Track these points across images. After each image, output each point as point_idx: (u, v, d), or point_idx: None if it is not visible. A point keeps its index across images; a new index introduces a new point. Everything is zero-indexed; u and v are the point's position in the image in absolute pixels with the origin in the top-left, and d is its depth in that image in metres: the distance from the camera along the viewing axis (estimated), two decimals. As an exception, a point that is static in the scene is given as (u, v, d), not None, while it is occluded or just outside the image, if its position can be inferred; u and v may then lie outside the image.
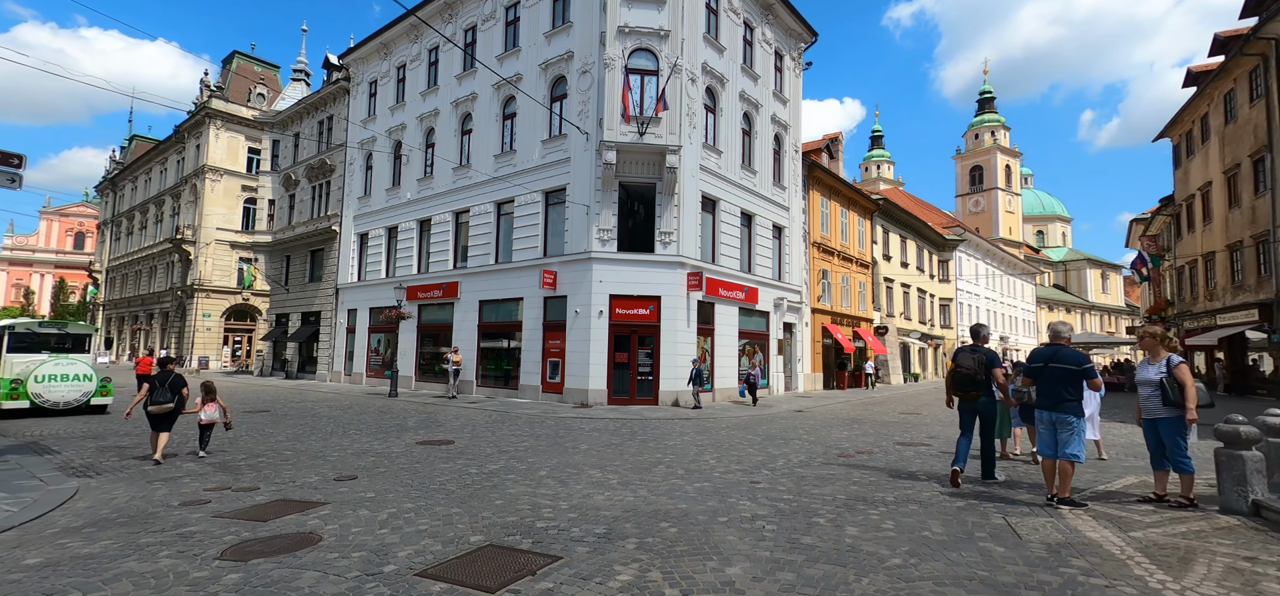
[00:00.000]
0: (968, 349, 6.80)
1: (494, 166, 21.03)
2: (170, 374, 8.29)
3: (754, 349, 22.11)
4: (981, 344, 6.74)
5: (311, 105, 31.23)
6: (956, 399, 6.81)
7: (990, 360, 6.58)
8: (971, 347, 6.79)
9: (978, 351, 6.67)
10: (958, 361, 6.73)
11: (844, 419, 14.68)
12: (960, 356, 6.78)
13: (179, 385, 8.19)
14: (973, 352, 6.69)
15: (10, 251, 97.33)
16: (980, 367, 6.53)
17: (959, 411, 6.82)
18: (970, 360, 6.62)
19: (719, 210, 20.37)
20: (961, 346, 6.93)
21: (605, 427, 12.22)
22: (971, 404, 6.62)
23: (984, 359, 6.57)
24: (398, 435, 10.68)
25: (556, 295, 18.66)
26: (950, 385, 6.83)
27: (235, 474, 7.10)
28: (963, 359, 6.71)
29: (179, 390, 8.13)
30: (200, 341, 39.31)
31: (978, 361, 6.57)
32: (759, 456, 8.65)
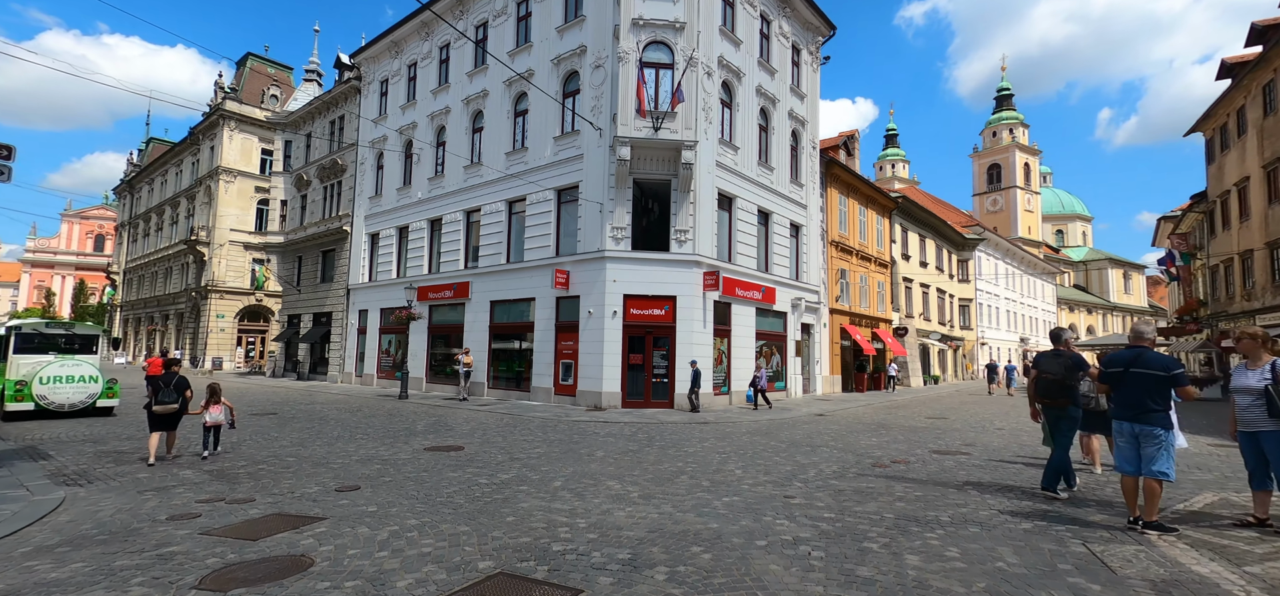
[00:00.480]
0: (1050, 354, 6.31)
1: (505, 164, 20.63)
2: (174, 375, 8.28)
3: (771, 350, 21.51)
4: (1064, 348, 6.24)
5: (323, 105, 31.09)
6: (1040, 409, 6.36)
7: (1075, 364, 6.09)
8: (1054, 352, 6.30)
9: (1061, 356, 6.18)
10: (1042, 367, 6.24)
11: (869, 424, 14.06)
12: (1043, 362, 6.28)
13: (182, 386, 8.19)
14: (1056, 357, 6.21)
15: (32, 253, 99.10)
16: (1067, 372, 6.05)
17: (1046, 421, 6.35)
18: (1055, 365, 6.13)
19: (735, 208, 19.81)
20: (1043, 352, 6.39)
21: (621, 432, 11.72)
22: (1060, 412, 6.11)
23: (1069, 362, 6.09)
24: (405, 440, 10.25)
25: (569, 295, 18.20)
26: (1034, 394, 6.32)
27: (232, 483, 6.69)
28: (1046, 364, 6.22)
29: (182, 391, 8.16)
30: (214, 342, 39.40)
31: (1063, 366, 6.08)
32: (787, 465, 8.09)
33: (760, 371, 17.77)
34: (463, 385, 19.03)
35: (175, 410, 8.07)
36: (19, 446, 8.95)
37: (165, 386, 8.08)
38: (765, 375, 17.90)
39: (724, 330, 19.00)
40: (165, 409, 7.96)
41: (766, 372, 18.02)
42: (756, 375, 17.74)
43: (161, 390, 8.03)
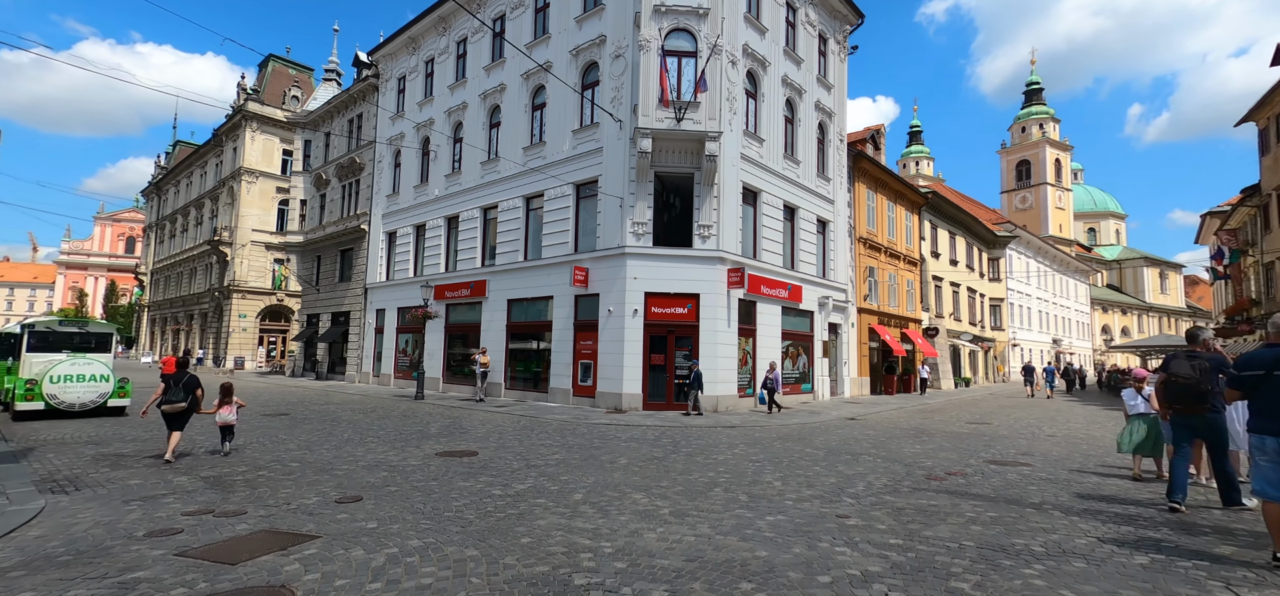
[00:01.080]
0: (1184, 355, 5.57)
1: (523, 159, 20.11)
2: (184, 374, 8.27)
3: (797, 351, 20.66)
4: (1202, 348, 5.47)
5: (341, 104, 30.97)
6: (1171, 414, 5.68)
7: (1216, 365, 5.35)
8: (1189, 353, 5.57)
9: (1197, 357, 5.46)
10: (1173, 371, 5.51)
11: (907, 429, 13.19)
12: (1176, 365, 5.55)
13: (192, 385, 8.15)
14: (1191, 359, 5.49)
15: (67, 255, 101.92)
16: (1204, 376, 5.32)
17: (1174, 429, 5.65)
18: (1190, 368, 5.41)
19: (761, 202, 19.02)
20: (1176, 353, 5.61)
21: (644, 437, 11.05)
22: (1193, 419, 5.41)
23: (1207, 365, 5.36)
24: (417, 443, 9.71)
25: (588, 293, 17.59)
26: (1164, 398, 5.63)
27: (227, 491, 6.17)
28: (1180, 367, 5.50)
29: (192, 390, 8.11)
30: (236, 342, 39.64)
31: (1200, 369, 5.36)
32: (830, 477, 7.35)
33: (773, 372, 16.75)
34: (480, 386, 18.55)
35: (183, 408, 8.02)
36: (18, 448, 8.58)
37: (174, 385, 8.05)
38: (778, 377, 16.82)
39: (749, 330, 18.23)
40: (173, 407, 7.93)
41: (779, 374, 16.93)
42: (769, 376, 16.65)
43: (170, 389, 8.02)
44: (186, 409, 8.07)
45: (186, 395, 8.04)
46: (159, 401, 7.99)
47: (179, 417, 8.03)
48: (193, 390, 8.12)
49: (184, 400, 8.01)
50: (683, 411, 15.96)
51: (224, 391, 8.63)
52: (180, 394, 8.01)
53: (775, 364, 17.00)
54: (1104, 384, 34.35)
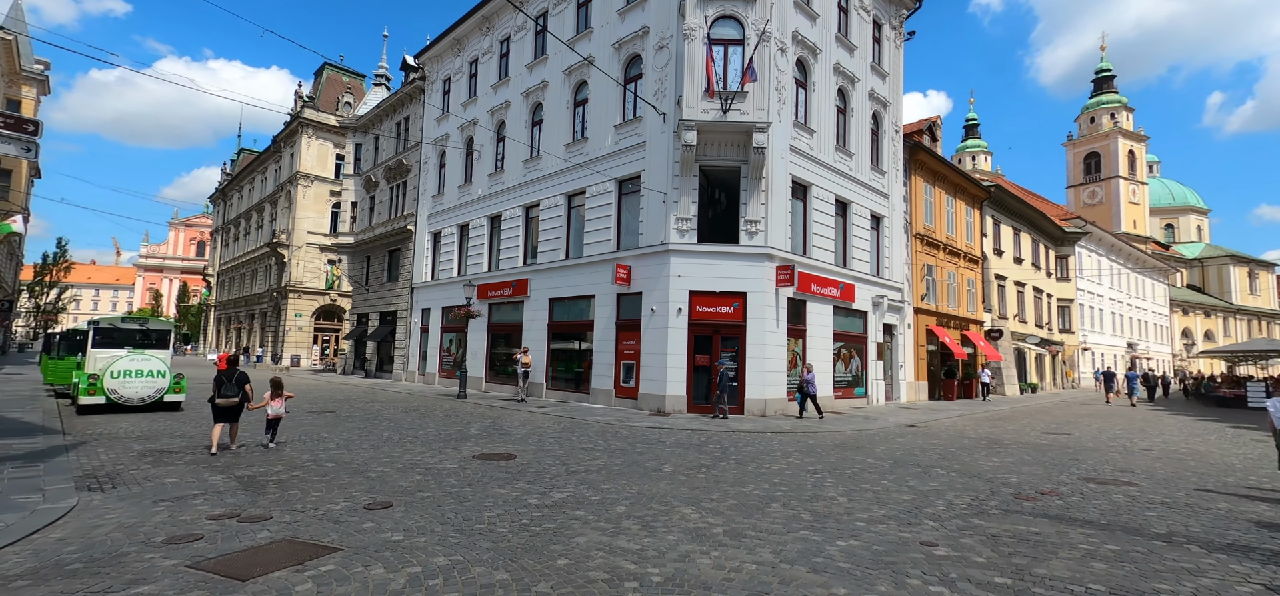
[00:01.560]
0: None
1: (564, 156, 19.82)
2: (235, 370, 8.70)
3: (849, 353, 19.60)
4: None
5: (390, 107, 31.59)
6: None
7: None
8: None
9: None
10: None
11: (976, 439, 12.11)
12: None
13: (243, 381, 8.58)
14: None
15: (145, 259, 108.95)
16: None
17: None
18: None
19: (811, 197, 18.10)
20: None
21: (689, 442, 10.45)
22: None
23: None
24: (455, 445, 9.41)
25: (630, 292, 17.10)
26: None
27: (257, 493, 5.94)
28: None
29: (243, 385, 8.54)
30: (292, 340, 41.10)
31: None
32: (902, 493, 6.57)
33: (809, 374, 15.61)
34: (521, 386, 18.32)
35: (236, 403, 8.47)
36: (72, 441, 8.72)
37: (227, 381, 8.49)
38: (814, 378, 15.67)
39: (799, 330, 17.35)
40: (227, 401, 8.38)
41: (815, 376, 15.81)
42: (805, 378, 15.51)
43: (224, 384, 8.45)
44: (238, 403, 8.51)
45: (238, 390, 8.49)
46: (214, 395, 8.41)
47: (232, 411, 8.48)
48: (243, 385, 8.55)
49: (236, 395, 8.46)
50: (722, 414, 15.26)
51: (274, 385, 9.00)
52: (233, 388, 8.46)
53: (812, 365, 15.99)
54: (1192, 391, 31.53)
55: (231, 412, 8.47)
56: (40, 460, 7.19)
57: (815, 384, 15.44)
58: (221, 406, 8.37)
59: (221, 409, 8.38)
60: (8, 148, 5.89)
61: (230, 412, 8.46)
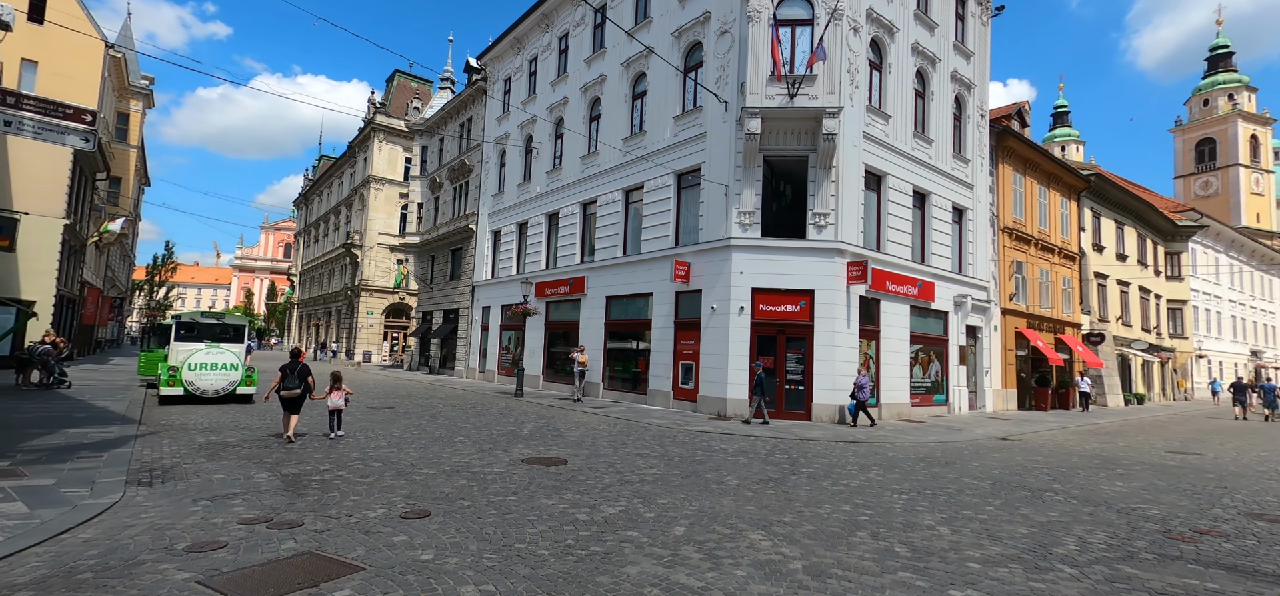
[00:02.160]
0: None
1: (622, 151, 19.32)
2: (298, 364, 9.23)
3: (928, 357, 18.03)
4: None
5: (453, 109, 32.25)
6: None
7: None
8: None
9: None
10: None
11: (1087, 457, 10.60)
12: None
13: (305, 373, 9.12)
14: None
15: (239, 260, 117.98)
16: None
17: None
18: None
19: (886, 187, 16.75)
20: None
21: (753, 450, 9.62)
22: None
23: None
24: (506, 447, 9.01)
25: (690, 289, 16.37)
26: None
27: (296, 494, 5.66)
28: None
29: (305, 378, 9.08)
30: (364, 337, 42.90)
31: None
32: (1016, 523, 5.54)
33: (863, 378, 14.23)
34: (577, 385, 17.96)
35: (298, 394, 8.95)
36: (143, 431, 8.93)
37: (290, 373, 9.04)
38: (867, 384, 14.14)
39: (872, 331, 16.06)
40: (290, 393, 8.89)
41: (869, 379, 14.34)
42: (858, 382, 14.11)
43: (287, 376, 9.01)
44: (301, 394, 8.99)
45: (300, 382, 9.01)
46: (278, 387, 8.97)
47: (294, 402, 8.95)
48: (305, 377, 9.09)
49: (298, 386, 8.97)
50: (796, 418, 14.26)
51: (334, 379, 9.51)
52: (295, 381, 9.00)
53: (863, 368, 14.55)
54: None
55: (295, 403, 8.96)
56: (106, 450, 7.30)
57: (868, 390, 14.10)
58: (285, 397, 8.92)
59: (286, 400, 8.93)
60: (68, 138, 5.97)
61: (293, 403, 8.95)
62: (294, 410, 8.94)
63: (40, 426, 8.84)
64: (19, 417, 9.65)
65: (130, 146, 34.26)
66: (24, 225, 21.61)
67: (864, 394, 14.00)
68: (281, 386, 8.93)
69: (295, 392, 8.92)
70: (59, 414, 10.18)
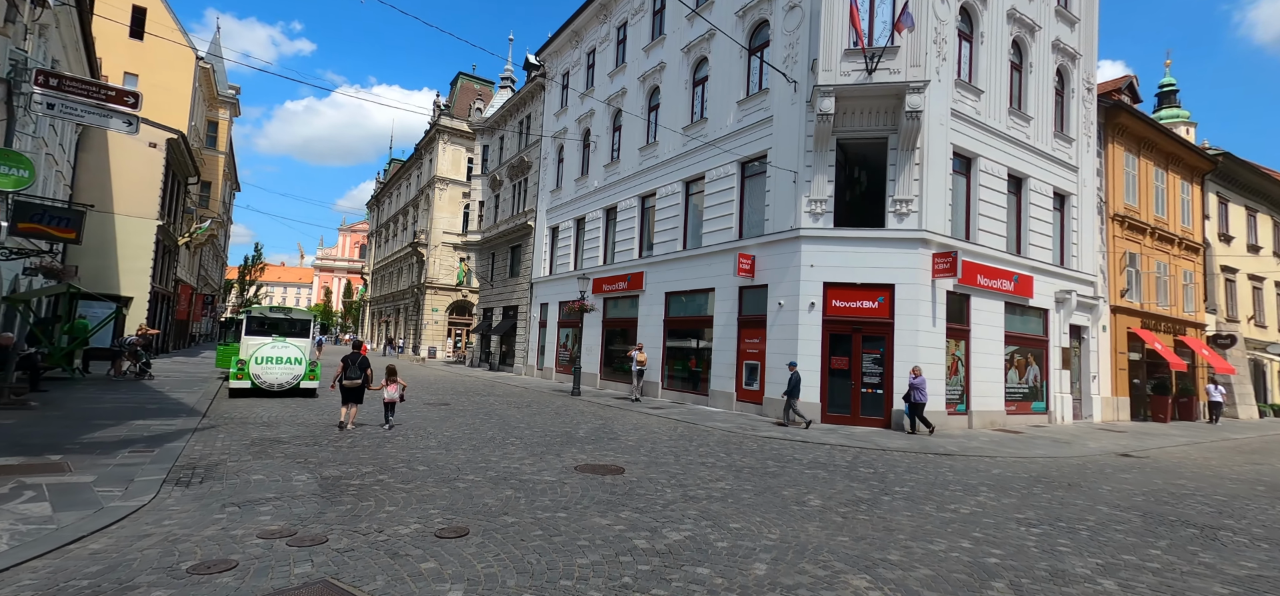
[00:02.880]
0: None
1: (682, 141, 18.45)
2: (359, 356, 9.90)
3: (1025, 359, 16.15)
4: None
5: (513, 107, 32.36)
6: None
7: None
8: None
9: None
10: None
11: (1242, 480, 8.84)
12: None
13: (364, 366, 9.82)
14: None
15: (320, 261, 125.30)
16: None
17: None
18: None
19: (976, 171, 15.07)
20: None
21: (833, 462, 8.55)
22: None
23: None
24: (559, 450, 8.38)
25: (754, 285, 15.31)
26: None
27: (330, 501, 5.20)
28: None
29: (364, 370, 9.78)
30: (429, 334, 44.06)
31: None
32: (1210, 581, 4.30)
33: (917, 379, 12.40)
34: (636, 384, 17.25)
35: (358, 384, 9.65)
36: (202, 425, 8.90)
37: (351, 364, 9.70)
38: (923, 385, 12.39)
39: (961, 330, 14.46)
40: (351, 383, 9.58)
41: (925, 380, 12.59)
42: (914, 383, 12.38)
43: (348, 367, 9.67)
44: (360, 385, 9.67)
45: (360, 373, 9.70)
46: (341, 377, 9.67)
47: (354, 392, 9.60)
48: (365, 369, 9.80)
49: (358, 377, 9.66)
50: (873, 424, 12.95)
51: (389, 372, 10.06)
52: (356, 372, 9.68)
53: (919, 369, 12.86)
54: None
55: (355, 394, 9.59)
56: (161, 443, 7.19)
57: (925, 393, 12.48)
58: (347, 388, 9.59)
59: (346, 390, 9.59)
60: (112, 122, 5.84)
61: (354, 393, 9.58)
62: (354, 400, 9.56)
63: (110, 417, 8.97)
64: (96, 407, 9.91)
65: (219, 152, 36.53)
66: (119, 225, 23.20)
67: (921, 396, 12.42)
68: (343, 377, 9.62)
69: (356, 383, 9.60)
70: (134, 405, 10.42)
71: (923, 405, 12.52)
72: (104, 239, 22.93)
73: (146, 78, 30.14)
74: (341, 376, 9.59)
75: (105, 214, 23.00)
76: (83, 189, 22.45)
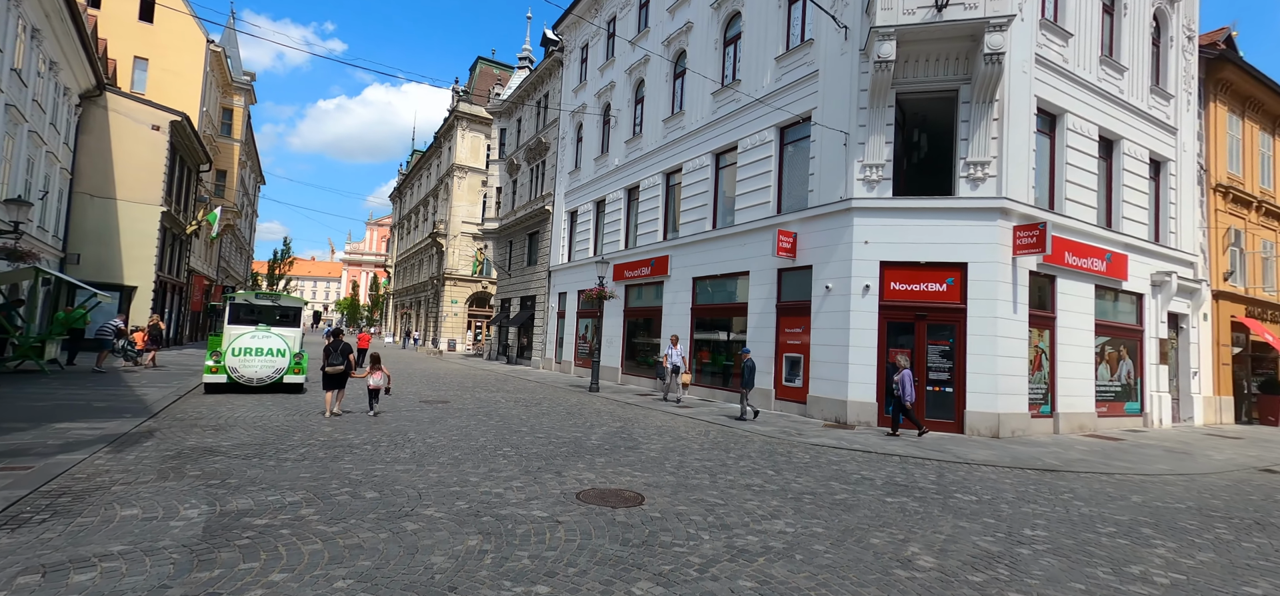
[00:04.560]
0: None
1: (712, 108, 16.46)
2: (338, 343, 9.78)
3: (1117, 353, 13.79)
4: None
5: (530, 86, 30.69)
6: None
7: None
8: None
9: None
10: None
11: None
12: None
13: (346, 352, 9.80)
14: None
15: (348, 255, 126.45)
16: None
17: None
18: None
19: (1062, 130, 12.76)
20: None
21: (912, 482, 6.58)
22: None
23: None
24: (562, 466, 6.59)
25: (796, 266, 13.29)
26: None
27: (198, 558, 3.51)
28: None
29: (346, 356, 9.72)
30: (449, 326, 42.90)
31: None
32: None
33: (900, 375, 10.46)
34: (670, 381, 15.20)
35: (341, 371, 9.60)
36: (134, 429, 7.37)
37: (332, 351, 9.64)
38: (906, 379, 10.41)
39: (1044, 318, 12.23)
40: (333, 369, 9.55)
41: (910, 375, 10.46)
42: (896, 380, 10.45)
43: (330, 354, 9.62)
44: (343, 371, 9.63)
45: (342, 360, 9.64)
46: (323, 365, 9.66)
47: (336, 378, 9.58)
48: (346, 355, 9.77)
49: (340, 364, 9.62)
50: (943, 428, 10.85)
51: (372, 360, 10.14)
52: (337, 358, 9.62)
53: (904, 361, 10.71)
54: None
55: (337, 380, 9.59)
56: (50, 456, 5.63)
57: (909, 387, 10.40)
58: (328, 374, 9.57)
59: (328, 376, 9.58)
60: None
61: (336, 380, 9.58)
62: (336, 386, 9.59)
63: (30, 419, 7.51)
64: (28, 406, 8.50)
65: (234, 140, 35.76)
66: (122, 212, 22.24)
67: (902, 391, 10.37)
68: (325, 364, 9.60)
69: (338, 369, 9.58)
70: (77, 404, 8.99)
71: (907, 400, 10.39)
72: (106, 226, 21.99)
73: (156, 62, 29.34)
74: (324, 364, 9.62)
75: (107, 200, 22.05)
76: (84, 174, 21.54)
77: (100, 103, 21.85)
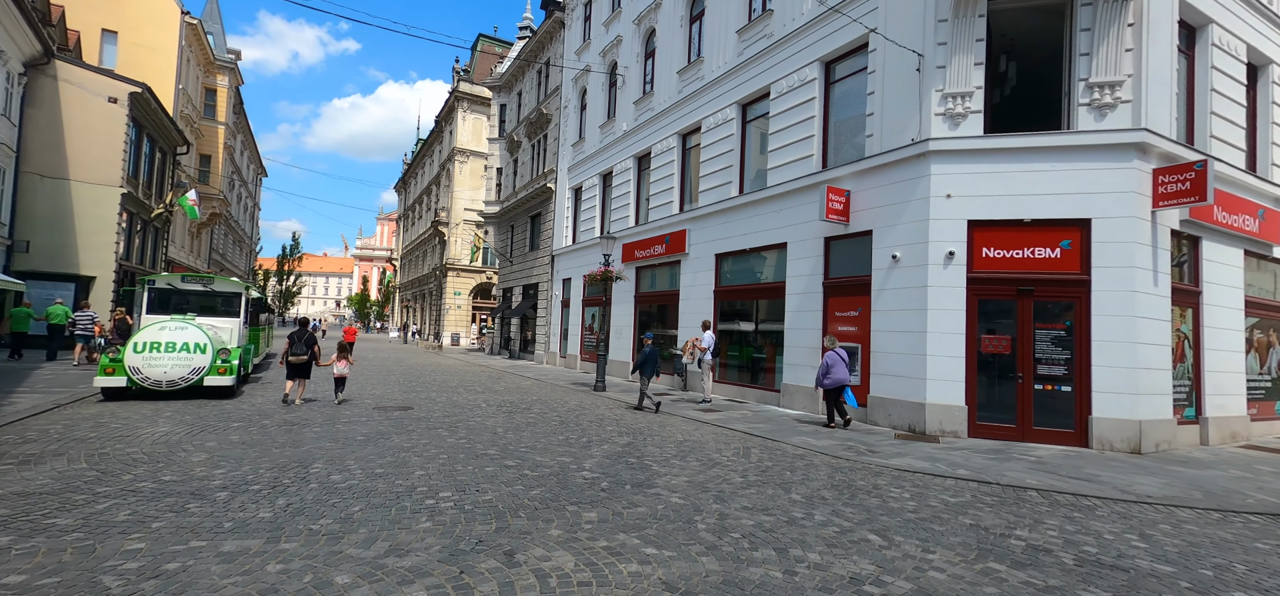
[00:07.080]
0: None
1: (736, 49, 13.63)
2: (303, 332, 9.83)
3: (1266, 338, 10.76)
4: None
5: (531, 54, 27.98)
6: None
7: None
8: None
9: None
10: None
11: None
12: None
13: (311, 342, 9.77)
14: None
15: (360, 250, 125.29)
16: None
17: None
18: None
19: (1205, 45, 9.75)
20: None
21: (1065, 536, 3.78)
22: None
23: None
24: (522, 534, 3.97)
25: (850, 233, 10.45)
26: None
27: None
28: None
29: (310, 346, 9.74)
30: (451, 319, 40.53)
31: None
32: None
33: (833, 355, 8.87)
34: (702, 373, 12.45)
35: (305, 360, 9.61)
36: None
37: (297, 341, 9.66)
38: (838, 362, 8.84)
39: (1188, 293, 9.28)
40: (297, 359, 9.55)
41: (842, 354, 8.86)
42: (827, 361, 8.90)
43: (294, 343, 9.63)
44: (307, 361, 9.61)
45: (307, 349, 9.61)
46: (288, 353, 9.51)
47: (302, 367, 9.57)
48: (311, 345, 9.70)
49: (304, 353, 9.58)
50: (1059, 440, 7.99)
51: (340, 349, 9.93)
52: (301, 348, 9.59)
53: (833, 342, 8.85)
54: None
55: (302, 369, 9.57)
56: None
57: (843, 372, 8.72)
58: (293, 363, 9.53)
59: (293, 366, 9.53)
60: None
61: (301, 369, 9.56)
62: (301, 375, 9.57)
63: None
64: None
65: (218, 123, 33.55)
66: (77, 194, 19.97)
67: (835, 378, 8.71)
68: (289, 353, 9.53)
69: (302, 359, 9.55)
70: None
71: (836, 388, 8.74)
72: (59, 210, 19.72)
73: (127, 35, 27.08)
74: (288, 353, 9.54)
75: (60, 181, 19.77)
76: (32, 152, 19.28)
77: (49, 72, 19.55)
